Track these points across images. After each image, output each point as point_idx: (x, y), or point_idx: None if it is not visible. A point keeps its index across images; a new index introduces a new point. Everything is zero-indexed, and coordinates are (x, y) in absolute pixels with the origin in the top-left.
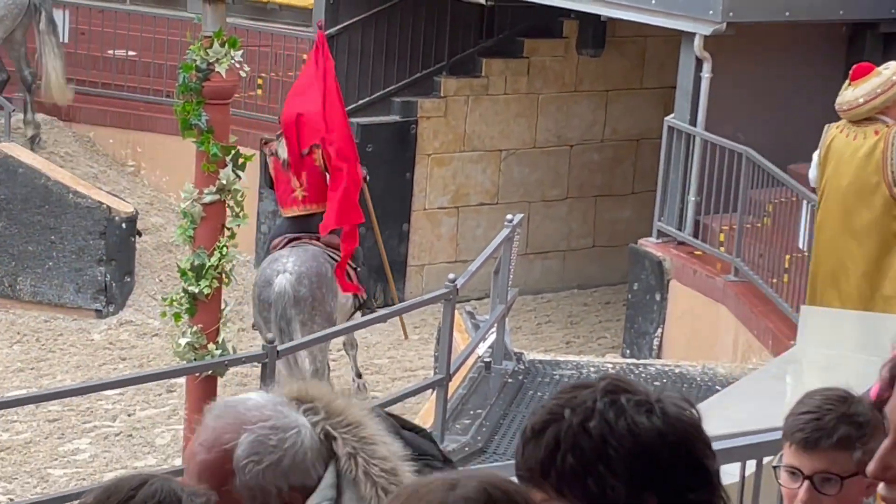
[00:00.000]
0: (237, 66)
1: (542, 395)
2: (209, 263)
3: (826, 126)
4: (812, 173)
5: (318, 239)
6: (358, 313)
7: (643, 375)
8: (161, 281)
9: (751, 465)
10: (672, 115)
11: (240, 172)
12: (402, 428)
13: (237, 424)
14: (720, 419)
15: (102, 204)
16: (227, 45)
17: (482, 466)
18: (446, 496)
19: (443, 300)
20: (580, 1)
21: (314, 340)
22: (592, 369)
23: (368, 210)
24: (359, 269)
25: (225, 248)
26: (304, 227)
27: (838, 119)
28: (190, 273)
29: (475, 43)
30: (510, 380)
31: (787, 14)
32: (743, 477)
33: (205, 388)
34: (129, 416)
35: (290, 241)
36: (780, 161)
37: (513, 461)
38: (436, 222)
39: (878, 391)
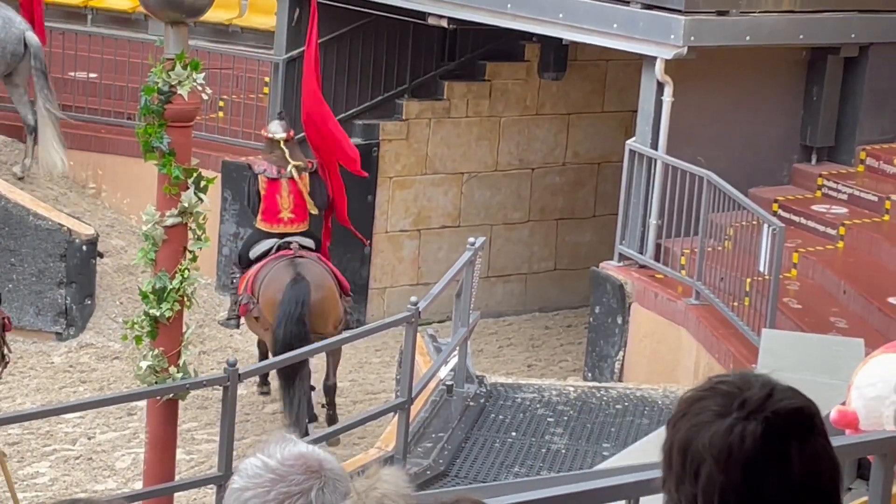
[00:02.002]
0: (199, 88)
1: (504, 419)
2: (171, 286)
3: None
4: None
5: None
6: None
7: (605, 399)
8: (122, 304)
9: None
10: (633, 139)
11: (202, 195)
12: None
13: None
14: None
15: (63, 226)
16: (189, 68)
17: (444, 490)
18: None
19: (405, 323)
20: (542, 24)
21: (281, 361)
22: (554, 392)
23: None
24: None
25: (187, 271)
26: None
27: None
28: (151, 296)
29: (437, 66)
30: (472, 403)
31: (748, 38)
32: None
33: (166, 411)
34: (89, 439)
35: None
36: (741, 185)
37: (477, 484)
38: (397, 245)
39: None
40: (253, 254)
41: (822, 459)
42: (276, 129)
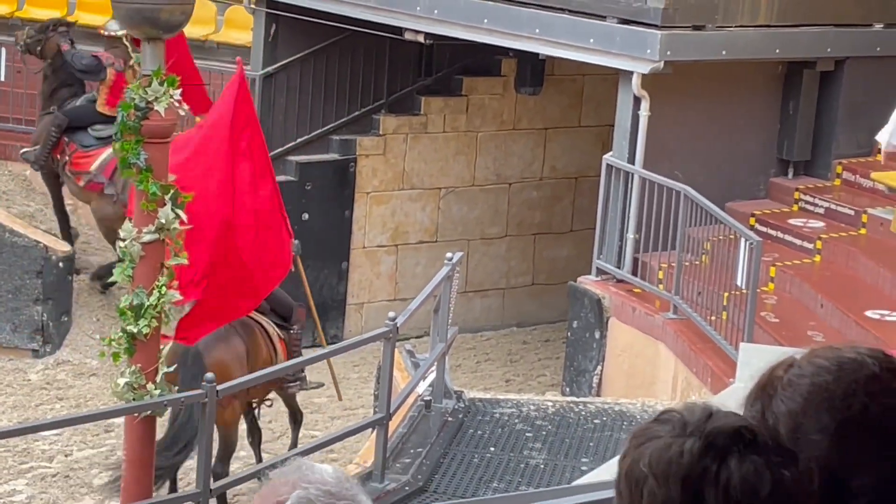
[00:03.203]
0: (176, 104)
1: (483, 434)
2: (148, 303)
3: None
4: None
5: None
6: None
7: (583, 413)
8: (98, 320)
9: None
10: (610, 153)
11: (179, 211)
12: None
13: (296, 481)
14: None
15: (39, 243)
16: (165, 84)
17: None
18: None
19: (383, 339)
20: (518, 39)
21: (251, 381)
22: (532, 407)
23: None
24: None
25: (164, 288)
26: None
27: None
28: (129, 313)
29: (414, 81)
30: (450, 418)
31: (724, 53)
32: None
33: (143, 428)
34: (66, 456)
35: None
36: (718, 199)
37: (456, 500)
38: (375, 260)
39: None
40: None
41: (762, 475)
42: (116, 27)
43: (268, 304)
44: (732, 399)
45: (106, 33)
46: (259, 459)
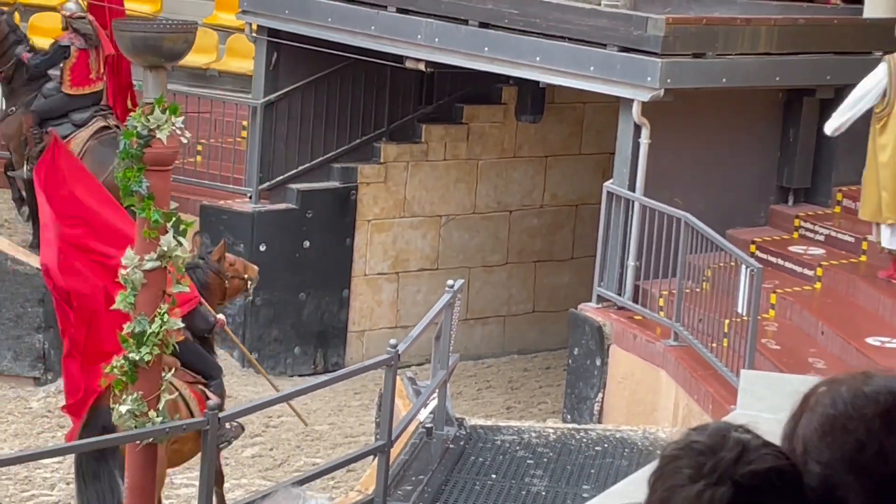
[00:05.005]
0: (178, 132)
1: (484, 461)
2: (150, 330)
3: (885, 57)
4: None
5: None
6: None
7: (584, 440)
8: None
9: None
10: (611, 181)
11: (181, 239)
12: None
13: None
14: None
15: (41, 271)
16: (168, 112)
17: None
18: None
19: (384, 366)
20: (519, 67)
21: (255, 407)
22: (534, 434)
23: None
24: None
25: (166, 315)
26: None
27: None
28: (131, 340)
29: (415, 109)
30: (452, 445)
31: (724, 80)
32: None
33: (145, 455)
34: (67, 484)
35: None
36: (718, 226)
37: None
38: (376, 288)
39: None
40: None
41: None
42: (75, 7)
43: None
44: None
45: (66, 13)
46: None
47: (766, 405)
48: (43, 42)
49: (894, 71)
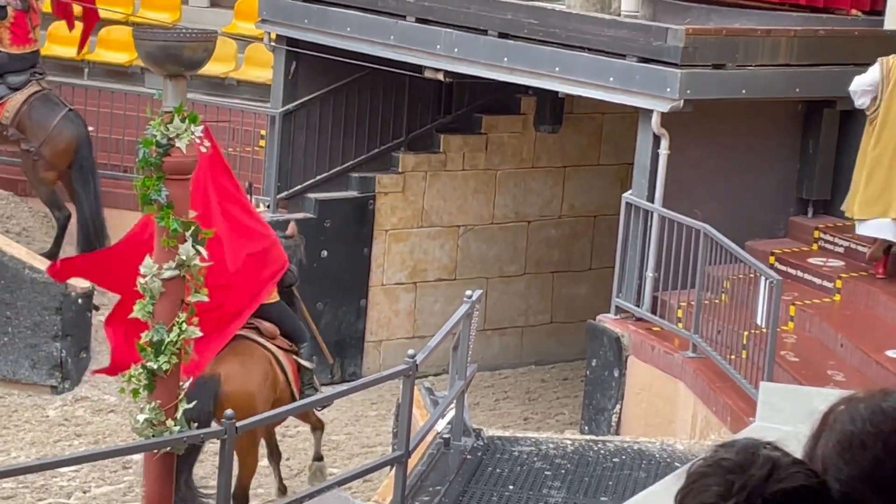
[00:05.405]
0: (197, 141)
1: (502, 472)
2: (168, 339)
3: (880, 59)
4: (858, 92)
5: None
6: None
7: (602, 452)
8: None
9: None
10: (630, 192)
11: (199, 248)
12: None
13: None
14: None
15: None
16: (187, 121)
17: None
18: None
19: (402, 376)
20: (538, 78)
21: (270, 417)
22: (551, 445)
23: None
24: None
25: (184, 324)
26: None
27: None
28: (149, 349)
29: (433, 119)
30: (469, 456)
31: (744, 91)
32: None
33: (163, 464)
34: (84, 493)
35: None
36: (737, 237)
37: None
38: (394, 298)
39: None
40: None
41: None
42: None
43: (277, 327)
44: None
45: None
46: (280, 478)
47: (785, 418)
48: None
49: (886, 74)
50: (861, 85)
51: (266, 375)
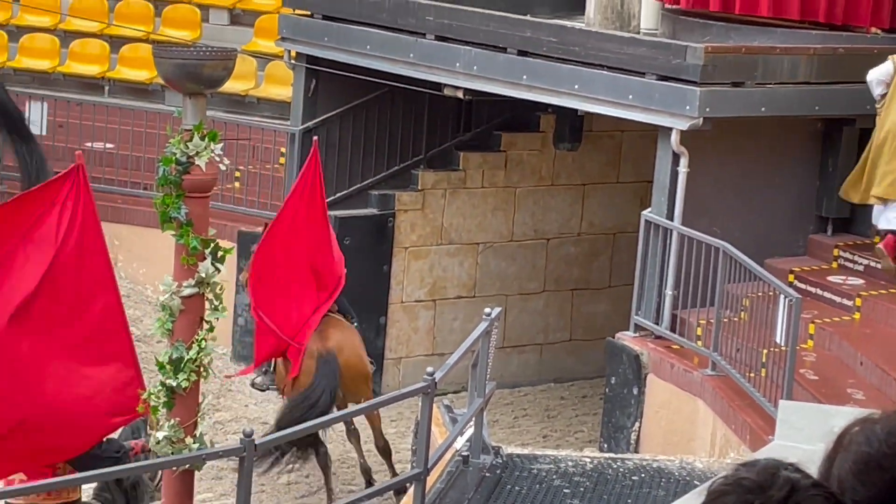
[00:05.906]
0: (217, 159)
1: (521, 490)
2: (188, 357)
3: (891, 57)
4: (874, 81)
5: None
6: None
7: (621, 470)
8: None
9: None
10: (649, 209)
11: (219, 265)
12: None
13: None
14: None
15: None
16: (207, 139)
17: None
18: None
19: (421, 394)
20: (557, 95)
21: (291, 434)
22: (570, 463)
23: None
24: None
25: (203, 342)
26: None
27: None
28: (168, 366)
29: (453, 136)
30: (488, 474)
31: (763, 109)
32: None
33: (182, 482)
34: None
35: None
36: (756, 255)
37: None
38: (413, 315)
39: None
40: None
41: None
42: None
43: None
44: (769, 456)
45: None
46: (361, 455)
47: (805, 436)
48: None
49: None
50: (877, 75)
51: (362, 340)
